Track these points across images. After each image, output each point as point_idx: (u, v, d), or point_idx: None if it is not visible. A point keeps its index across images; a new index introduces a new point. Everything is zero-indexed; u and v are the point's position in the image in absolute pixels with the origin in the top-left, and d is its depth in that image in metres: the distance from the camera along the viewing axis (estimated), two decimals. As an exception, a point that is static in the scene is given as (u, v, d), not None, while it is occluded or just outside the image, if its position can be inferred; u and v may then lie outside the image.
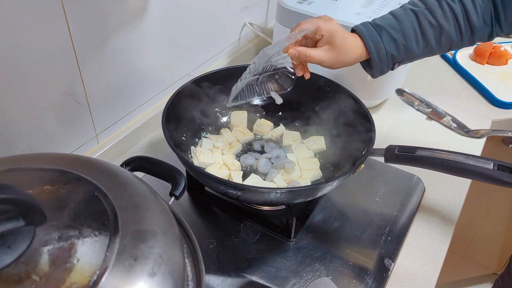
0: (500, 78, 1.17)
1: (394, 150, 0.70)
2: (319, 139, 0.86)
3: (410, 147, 0.69)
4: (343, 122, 0.84)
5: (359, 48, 0.72)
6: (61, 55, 0.69)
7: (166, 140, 0.69)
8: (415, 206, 0.81)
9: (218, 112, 0.90)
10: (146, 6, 0.81)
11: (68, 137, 0.78)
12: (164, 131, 0.71)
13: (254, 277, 0.67)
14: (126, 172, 0.48)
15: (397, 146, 0.70)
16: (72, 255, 0.35)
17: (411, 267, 0.71)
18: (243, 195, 0.67)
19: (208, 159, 0.80)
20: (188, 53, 1.00)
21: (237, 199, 0.68)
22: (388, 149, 0.71)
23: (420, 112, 1.06)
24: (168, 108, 0.76)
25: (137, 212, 0.40)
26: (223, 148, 0.84)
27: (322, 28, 0.69)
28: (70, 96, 0.74)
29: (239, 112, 0.91)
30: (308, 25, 0.69)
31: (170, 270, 0.38)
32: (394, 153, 0.69)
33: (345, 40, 0.70)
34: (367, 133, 0.75)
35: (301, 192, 0.67)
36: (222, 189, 0.67)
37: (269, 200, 0.66)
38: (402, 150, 0.69)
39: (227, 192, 0.67)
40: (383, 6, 0.98)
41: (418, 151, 0.68)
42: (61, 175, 0.43)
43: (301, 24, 0.70)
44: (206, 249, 0.70)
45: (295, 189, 0.67)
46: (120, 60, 0.81)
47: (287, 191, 0.65)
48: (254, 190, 0.66)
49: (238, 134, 0.87)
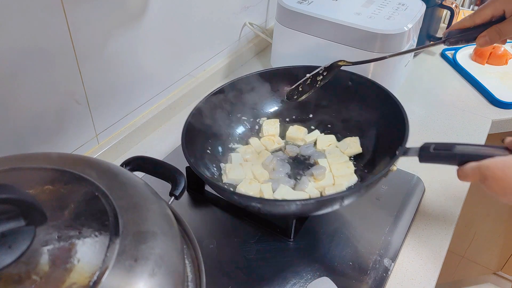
0: (500, 78, 1.17)
1: (429, 148, 0.62)
2: (354, 141, 0.81)
3: (447, 144, 0.62)
4: (374, 121, 0.80)
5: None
6: (61, 55, 0.69)
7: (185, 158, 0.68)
8: (415, 206, 0.81)
9: (245, 120, 0.88)
10: (146, 6, 0.81)
11: (68, 137, 0.78)
12: (184, 150, 0.69)
13: (254, 277, 0.67)
14: (127, 172, 0.48)
15: (433, 143, 0.63)
16: (73, 255, 0.35)
17: (411, 267, 0.71)
18: (264, 208, 0.64)
19: (238, 175, 0.76)
20: (188, 53, 1.00)
21: (259, 211, 0.65)
22: (423, 147, 0.63)
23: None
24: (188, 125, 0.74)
25: (138, 213, 0.40)
26: (251, 160, 0.79)
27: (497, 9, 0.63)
28: (70, 96, 0.74)
29: (271, 120, 0.87)
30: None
31: (170, 270, 0.38)
32: (430, 152, 0.62)
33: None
34: (399, 131, 0.70)
35: (324, 202, 0.63)
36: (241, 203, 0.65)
37: (291, 212, 0.63)
38: (438, 148, 0.62)
39: (247, 206, 0.64)
40: (383, 6, 0.98)
41: (457, 147, 0.61)
42: (61, 175, 0.43)
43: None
44: (206, 249, 0.70)
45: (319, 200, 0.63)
46: (120, 60, 0.81)
47: (311, 202, 0.63)
48: (272, 203, 0.64)
49: (267, 143, 0.83)
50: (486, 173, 0.55)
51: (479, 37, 0.67)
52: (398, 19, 0.94)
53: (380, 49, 0.91)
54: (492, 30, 0.66)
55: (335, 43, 0.94)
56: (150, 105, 0.94)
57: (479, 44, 0.67)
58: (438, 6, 1.17)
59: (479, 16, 0.66)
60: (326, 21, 0.92)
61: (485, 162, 0.55)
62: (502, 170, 0.53)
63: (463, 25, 0.69)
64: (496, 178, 0.54)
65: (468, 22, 0.68)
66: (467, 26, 0.68)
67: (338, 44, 0.93)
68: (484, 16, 0.66)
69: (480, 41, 0.67)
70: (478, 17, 0.67)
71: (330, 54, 0.95)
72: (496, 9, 0.65)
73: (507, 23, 0.64)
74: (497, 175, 0.54)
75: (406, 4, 0.99)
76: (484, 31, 0.66)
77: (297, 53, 1.00)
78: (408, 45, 0.96)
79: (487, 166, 0.55)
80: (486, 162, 0.55)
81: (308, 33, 0.96)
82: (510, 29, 0.64)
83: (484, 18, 0.66)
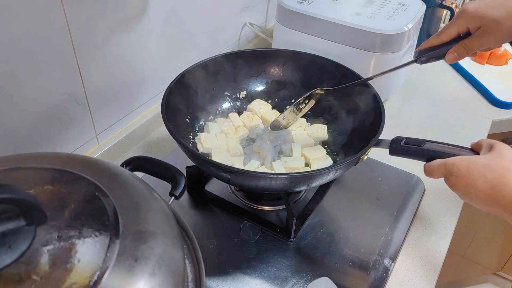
0: (500, 78, 1.17)
1: (400, 142, 0.65)
2: (322, 128, 0.84)
3: (418, 139, 0.64)
4: (352, 112, 0.82)
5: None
6: (61, 55, 0.69)
7: (164, 122, 0.69)
8: (415, 206, 0.81)
9: (228, 96, 0.90)
10: (146, 5, 0.81)
11: (68, 137, 0.78)
12: (163, 113, 0.70)
13: (254, 277, 0.67)
14: (127, 172, 0.48)
15: (404, 137, 0.65)
16: (73, 255, 0.35)
17: (411, 267, 0.71)
18: (233, 179, 0.65)
19: (213, 145, 0.78)
20: (188, 53, 1.00)
21: (228, 182, 0.67)
22: (394, 140, 0.66)
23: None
24: (170, 90, 0.76)
25: (138, 213, 0.40)
26: (228, 133, 0.82)
27: (463, 23, 0.66)
28: (70, 96, 0.74)
29: (264, 102, 0.90)
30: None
31: (170, 270, 0.38)
32: (400, 145, 0.65)
33: (501, 7, 0.64)
34: (375, 123, 0.72)
35: (294, 179, 0.64)
36: (212, 170, 0.66)
37: (259, 186, 0.65)
38: (409, 142, 0.65)
39: (217, 175, 0.66)
40: (383, 6, 0.98)
41: (426, 144, 0.63)
42: (61, 175, 0.43)
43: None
44: (206, 249, 0.70)
45: (290, 175, 0.65)
46: (120, 60, 0.81)
47: (282, 177, 0.63)
48: (242, 173, 0.65)
49: (246, 120, 0.86)
50: (451, 169, 0.57)
51: (448, 54, 0.70)
52: (398, 19, 0.94)
53: (380, 49, 0.91)
54: (459, 46, 0.69)
55: (335, 43, 0.94)
56: (150, 105, 0.94)
57: (448, 60, 0.71)
58: (438, 6, 1.17)
59: (446, 34, 0.70)
60: (326, 21, 0.92)
61: (451, 159, 0.58)
62: (466, 168, 0.55)
63: (432, 43, 0.72)
64: (460, 176, 0.55)
65: (436, 40, 0.71)
66: (435, 44, 0.72)
67: (338, 44, 0.93)
68: (450, 34, 0.69)
69: (449, 57, 0.70)
70: (444, 35, 0.70)
71: (330, 54, 0.95)
72: (460, 26, 0.68)
73: (472, 39, 0.67)
74: (461, 172, 0.55)
75: (406, 4, 0.99)
76: (452, 47, 0.70)
77: (297, 53, 1.00)
78: (408, 45, 0.96)
79: (452, 163, 0.57)
80: (452, 159, 0.58)
81: (308, 33, 0.96)
82: (475, 44, 0.68)
83: (450, 36, 0.69)
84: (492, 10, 0.65)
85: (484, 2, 0.66)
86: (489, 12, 0.65)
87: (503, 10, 0.64)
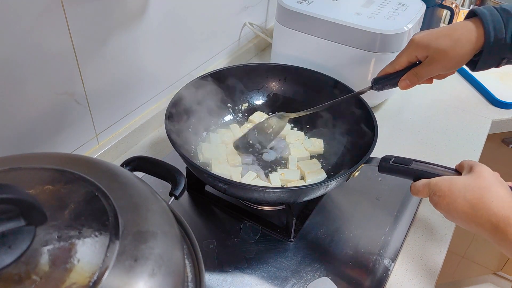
0: (500, 78, 1.17)
1: (389, 160, 0.67)
2: (318, 142, 0.86)
3: (406, 159, 0.66)
4: (348, 128, 0.84)
5: (473, 35, 0.66)
6: (61, 55, 0.69)
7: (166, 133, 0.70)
8: (415, 206, 0.81)
9: (230, 107, 0.91)
10: (146, 6, 0.81)
11: (68, 137, 0.78)
12: (166, 125, 0.72)
13: (254, 277, 0.67)
14: (127, 172, 0.48)
15: (393, 156, 0.68)
16: (73, 255, 0.35)
17: (411, 267, 0.71)
18: (229, 190, 0.67)
19: (213, 155, 0.80)
20: (188, 53, 1.00)
21: (225, 192, 0.69)
22: (384, 158, 0.68)
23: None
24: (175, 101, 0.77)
25: (138, 213, 0.40)
26: (228, 143, 0.84)
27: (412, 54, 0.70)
28: (70, 96, 0.74)
29: (264, 114, 0.91)
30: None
31: (170, 270, 0.38)
32: (389, 164, 0.67)
33: (445, 37, 0.67)
34: (368, 140, 0.74)
35: (286, 192, 0.66)
36: (210, 181, 0.68)
37: (254, 198, 0.67)
38: (397, 161, 0.67)
39: (215, 185, 0.68)
40: (383, 6, 0.98)
41: (414, 163, 0.65)
42: (61, 175, 0.43)
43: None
44: (206, 249, 0.70)
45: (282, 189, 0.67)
46: (120, 60, 0.81)
47: (275, 191, 0.65)
48: (238, 186, 0.66)
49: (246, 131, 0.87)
50: (434, 189, 0.59)
51: (401, 81, 0.74)
52: (398, 19, 0.94)
53: (380, 49, 0.91)
54: (410, 74, 0.72)
55: (335, 43, 0.94)
56: (150, 105, 0.94)
57: (401, 87, 0.74)
58: (438, 6, 1.17)
59: (398, 63, 0.73)
60: (326, 21, 0.92)
61: (434, 179, 0.60)
62: (448, 188, 0.58)
63: (386, 71, 0.76)
64: (442, 195, 0.58)
65: (390, 69, 0.75)
66: (389, 72, 0.75)
67: (338, 44, 0.93)
68: (402, 63, 0.73)
69: (402, 84, 0.74)
70: (397, 64, 0.73)
71: (330, 54, 0.95)
72: (410, 55, 0.71)
73: (421, 67, 0.71)
74: (443, 192, 0.58)
75: (406, 4, 0.99)
76: (404, 75, 0.73)
77: (297, 53, 1.00)
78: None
79: (435, 183, 0.60)
80: (435, 179, 0.60)
81: (308, 33, 0.96)
82: (424, 72, 0.71)
83: (402, 65, 0.73)
84: (436, 40, 0.68)
85: (430, 32, 0.70)
86: (434, 42, 0.68)
87: (447, 40, 0.67)
